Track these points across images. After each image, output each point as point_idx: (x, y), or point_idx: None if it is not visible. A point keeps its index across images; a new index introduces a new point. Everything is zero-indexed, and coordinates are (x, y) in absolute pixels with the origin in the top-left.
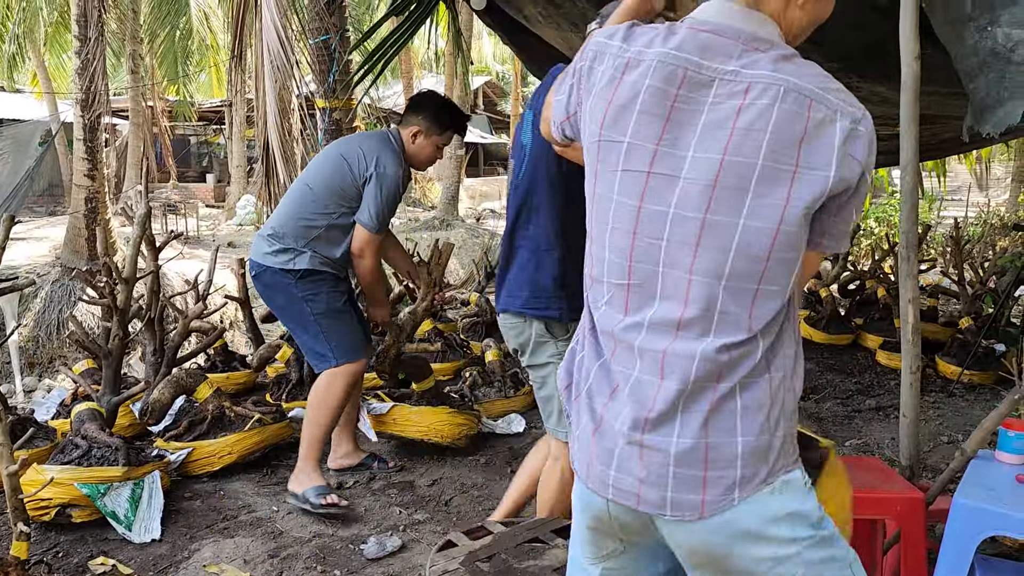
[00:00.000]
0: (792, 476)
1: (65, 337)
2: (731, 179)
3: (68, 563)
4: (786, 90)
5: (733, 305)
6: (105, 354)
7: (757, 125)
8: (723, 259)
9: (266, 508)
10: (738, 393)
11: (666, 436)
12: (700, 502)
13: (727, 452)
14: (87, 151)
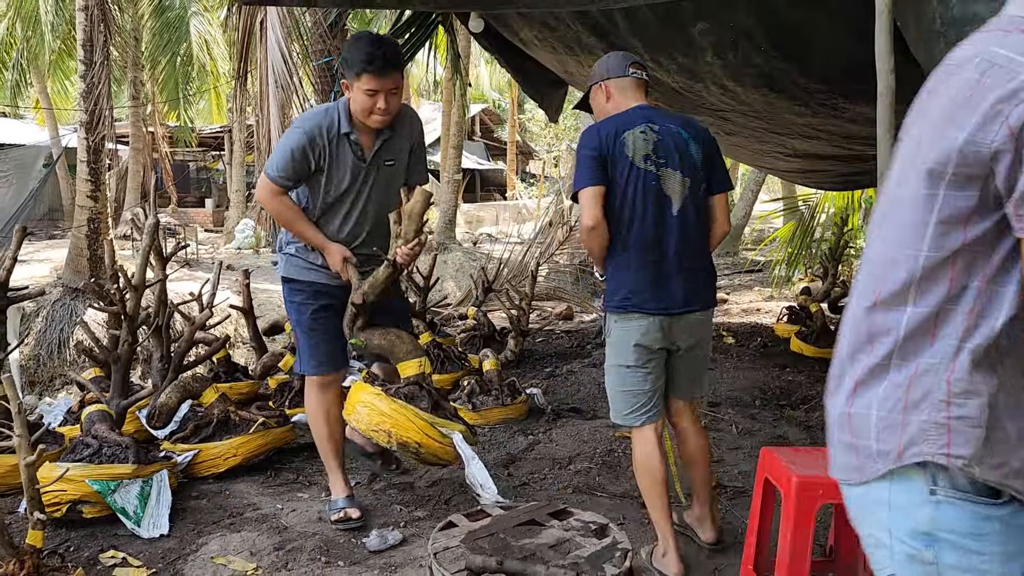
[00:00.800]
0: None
1: (74, 346)
2: None
3: (79, 557)
4: None
5: None
6: (114, 359)
7: None
8: None
9: (271, 506)
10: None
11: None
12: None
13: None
14: (90, 172)
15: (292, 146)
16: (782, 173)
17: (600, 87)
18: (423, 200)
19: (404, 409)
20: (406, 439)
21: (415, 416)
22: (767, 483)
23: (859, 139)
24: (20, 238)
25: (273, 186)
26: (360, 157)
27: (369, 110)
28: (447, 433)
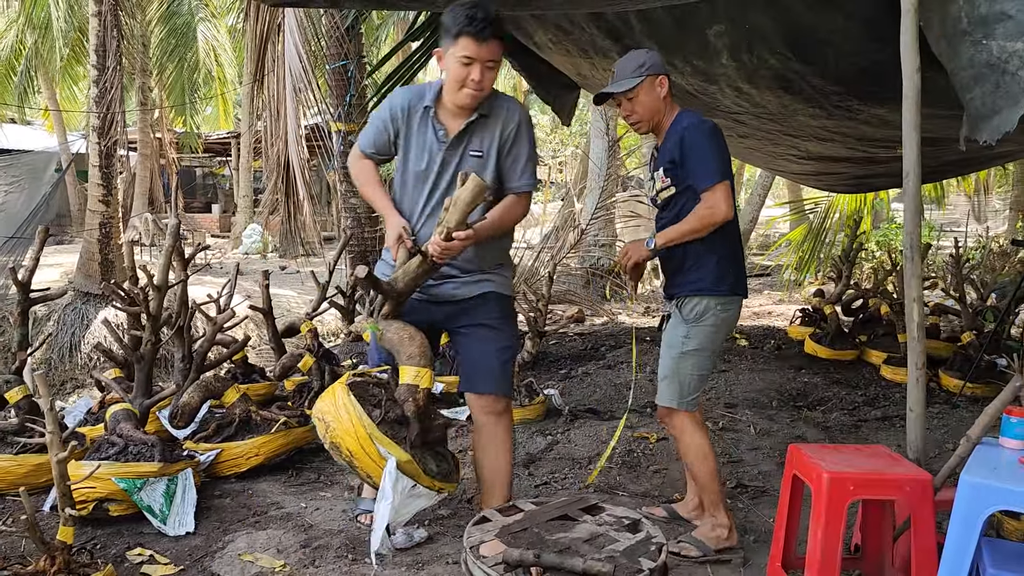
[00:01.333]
0: None
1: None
2: None
3: (106, 554)
4: None
5: None
6: (138, 359)
7: None
8: None
9: (294, 504)
10: None
11: None
12: None
13: None
14: (102, 177)
15: (377, 114)
16: (795, 176)
17: (661, 79)
18: (475, 189)
19: (351, 409)
20: (338, 442)
21: (356, 422)
22: (795, 480)
23: (874, 141)
24: (43, 239)
25: (356, 149)
26: (440, 138)
27: (461, 82)
28: (384, 455)
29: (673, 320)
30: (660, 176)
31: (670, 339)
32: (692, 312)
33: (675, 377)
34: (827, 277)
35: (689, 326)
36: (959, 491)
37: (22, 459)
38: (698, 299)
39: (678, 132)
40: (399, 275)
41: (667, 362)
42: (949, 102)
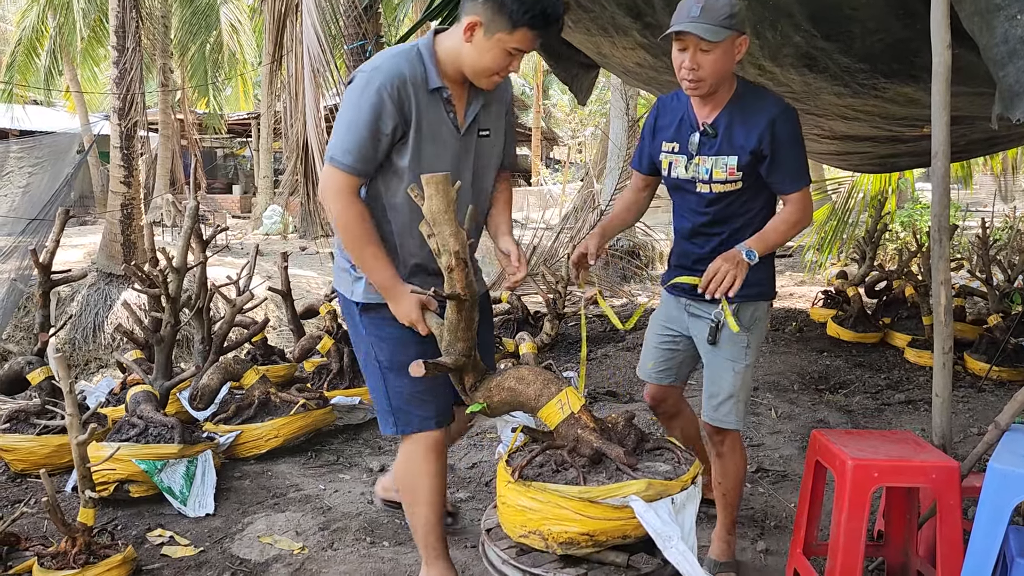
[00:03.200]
0: None
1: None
2: None
3: (127, 535)
4: None
5: None
6: (157, 341)
7: None
8: None
9: (313, 487)
10: None
11: None
12: None
13: None
14: (123, 158)
15: (362, 114)
16: (818, 156)
17: (743, 41)
18: (442, 190)
19: (546, 494)
20: (568, 536)
21: (563, 499)
22: (817, 465)
23: (900, 119)
24: (63, 221)
25: (343, 177)
26: (455, 124)
27: (498, 71)
28: (620, 503)
29: (729, 330)
30: (727, 166)
31: (731, 352)
32: (752, 318)
33: (741, 394)
34: (850, 258)
35: (749, 335)
36: (987, 478)
37: (44, 440)
38: (756, 304)
39: (765, 118)
40: (449, 339)
41: (729, 378)
42: (978, 79)
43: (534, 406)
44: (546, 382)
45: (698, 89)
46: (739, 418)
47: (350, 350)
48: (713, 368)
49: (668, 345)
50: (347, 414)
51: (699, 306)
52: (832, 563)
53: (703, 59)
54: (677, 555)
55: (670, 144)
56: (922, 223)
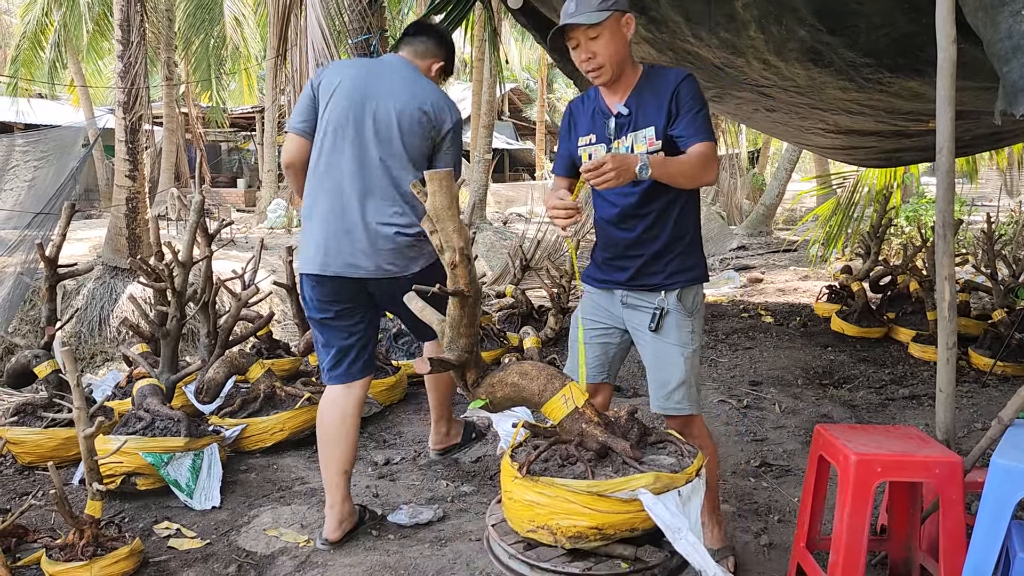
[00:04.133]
0: None
1: (121, 323)
2: None
3: (134, 527)
4: None
5: None
6: (164, 334)
7: None
8: None
9: (318, 480)
10: None
11: None
12: None
13: None
14: (128, 152)
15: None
16: (822, 150)
17: (628, 18)
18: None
19: (554, 489)
20: (576, 530)
21: (572, 494)
22: (821, 460)
23: (904, 114)
24: (69, 215)
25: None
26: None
27: None
28: (628, 496)
29: (674, 316)
30: (646, 137)
31: (678, 337)
32: (694, 303)
33: (691, 379)
34: (854, 253)
35: (693, 319)
36: (990, 474)
37: (51, 433)
38: (696, 287)
39: (670, 84)
40: (451, 335)
41: (679, 364)
42: (983, 74)
43: (538, 401)
44: (550, 377)
45: (601, 75)
46: (693, 402)
47: None
48: (659, 357)
49: (600, 339)
50: None
51: (637, 295)
52: (835, 557)
53: (594, 46)
54: (687, 546)
55: (586, 137)
56: (927, 218)
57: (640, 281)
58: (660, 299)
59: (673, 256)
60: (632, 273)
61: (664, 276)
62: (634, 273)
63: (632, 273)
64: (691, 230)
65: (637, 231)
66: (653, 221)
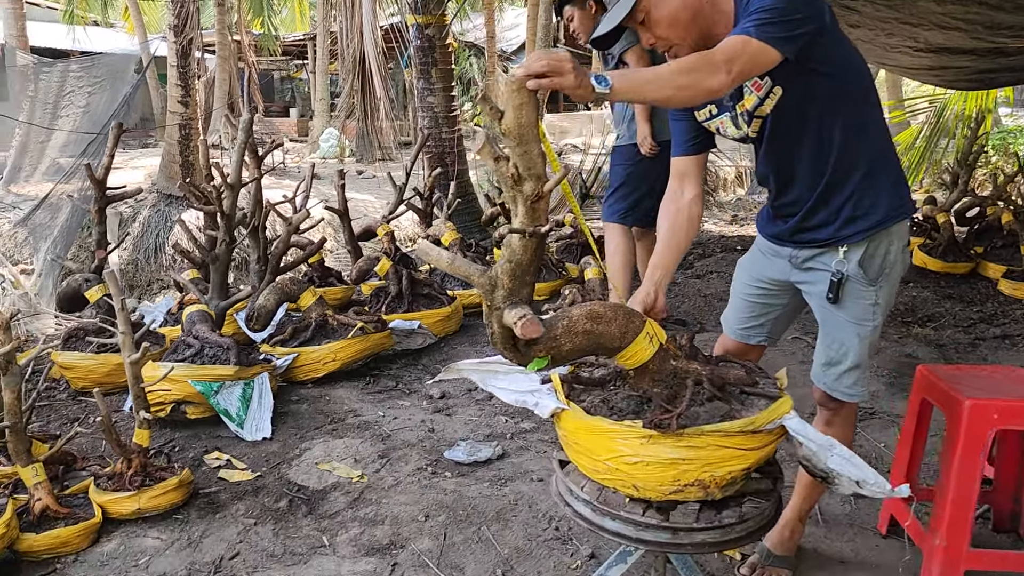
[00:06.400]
0: None
1: (172, 247)
2: None
3: (184, 457)
4: None
5: None
6: (213, 259)
7: None
8: None
9: (371, 413)
10: None
11: None
12: None
13: None
14: (180, 77)
15: None
16: (908, 71)
17: None
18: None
19: (705, 438)
20: (731, 475)
21: (726, 438)
22: (923, 404)
23: (1005, 29)
24: (116, 135)
25: None
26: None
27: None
28: (774, 427)
29: (852, 285)
30: (749, 81)
31: (856, 312)
32: (883, 262)
33: (866, 361)
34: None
35: (878, 288)
36: None
37: (103, 358)
38: (883, 235)
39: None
40: (512, 286)
41: (855, 344)
42: None
43: (619, 346)
44: (628, 316)
45: (679, 51)
46: (864, 388)
47: (409, 272)
48: (833, 331)
49: (764, 298)
50: (405, 339)
51: (807, 253)
52: (939, 509)
53: (654, 28)
54: (841, 461)
55: (703, 111)
56: (1016, 146)
57: (805, 236)
58: (837, 260)
59: (846, 196)
60: (795, 224)
61: (836, 226)
62: (798, 223)
63: (795, 224)
64: (868, 154)
65: (783, 166)
66: (801, 151)
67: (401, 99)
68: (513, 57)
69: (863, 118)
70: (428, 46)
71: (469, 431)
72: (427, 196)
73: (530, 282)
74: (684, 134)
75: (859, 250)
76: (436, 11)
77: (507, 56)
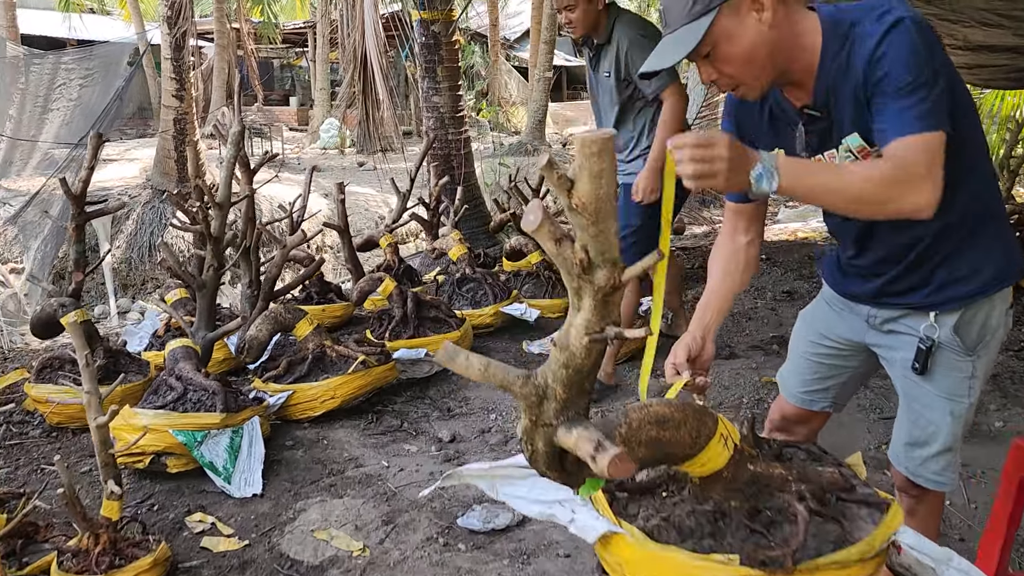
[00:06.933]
0: None
1: (157, 263)
2: None
3: (164, 518)
4: None
5: None
6: (199, 285)
7: None
8: None
9: (375, 461)
10: None
11: None
12: None
13: None
14: (174, 70)
15: None
16: None
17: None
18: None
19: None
20: None
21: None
22: (1021, 484)
23: None
24: (95, 146)
25: None
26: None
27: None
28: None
29: (946, 354)
30: (852, 148)
31: (948, 386)
32: (982, 331)
33: (958, 444)
34: None
35: (976, 359)
36: None
37: (79, 391)
38: (985, 304)
39: (866, 50)
40: (566, 396)
41: (946, 424)
42: None
43: (690, 453)
44: (698, 417)
45: (750, 92)
46: (955, 475)
47: (414, 293)
48: (919, 406)
49: (832, 358)
50: (411, 367)
51: (890, 313)
52: None
53: (718, 63)
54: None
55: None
56: None
57: (893, 299)
58: (927, 325)
59: (943, 257)
60: (877, 287)
61: (931, 290)
62: (880, 287)
63: (877, 287)
64: (975, 208)
65: (866, 225)
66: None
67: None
68: (516, 46)
69: (970, 163)
70: (433, 43)
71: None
72: (433, 207)
73: (589, 389)
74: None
75: (954, 315)
76: (443, 7)
77: (510, 44)
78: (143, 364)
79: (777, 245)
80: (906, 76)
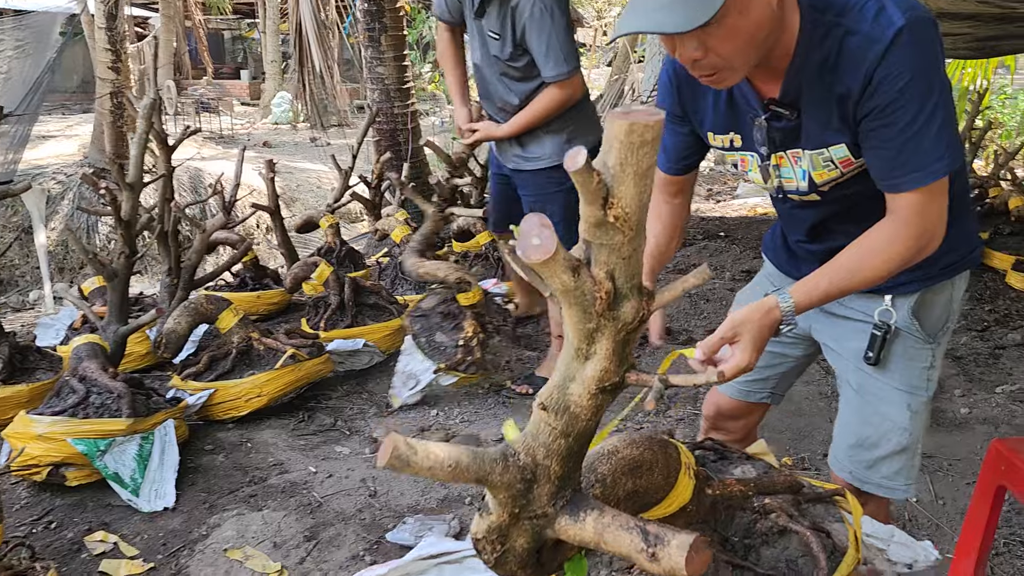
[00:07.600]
0: None
1: (80, 252)
2: None
3: (61, 538)
4: None
5: None
6: (110, 275)
7: None
8: None
9: (301, 466)
10: None
11: None
12: None
13: None
14: (109, 41)
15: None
16: None
17: None
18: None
19: None
20: None
21: None
22: (998, 491)
23: None
24: None
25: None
26: (473, 9)
27: None
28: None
29: (905, 342)
30: (835, 159)
31: (905, 378)
32: (937, 315)
33: (916, 445)
34: None
35: (934, 345)
36: None
37: None
38: (946, 285)
39: (869, 57)
40: (562, 472)
41: (901, 420)
42: None
43: (663, 495)
44: (662, 449)
45: (725, 80)
46: (910, 483)
47: (352, 279)
48: (869, 402)
49: (771, 345)
50: (348, 358)
51: (843, 299)
52: None
53: (717, 45)
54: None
55: (723, 136)
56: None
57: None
58: (882, 309)
59: None
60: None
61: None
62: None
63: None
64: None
65: (827, 211)
66: (857, 209)
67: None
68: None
69: None
70: (376, 10)
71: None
72: (375, 185)
73: (584, 455)
74: (679, 151)
75: (911, 297)
76: None
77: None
78: (55, 360)
79: (736, 221)
80: (913, 106)
